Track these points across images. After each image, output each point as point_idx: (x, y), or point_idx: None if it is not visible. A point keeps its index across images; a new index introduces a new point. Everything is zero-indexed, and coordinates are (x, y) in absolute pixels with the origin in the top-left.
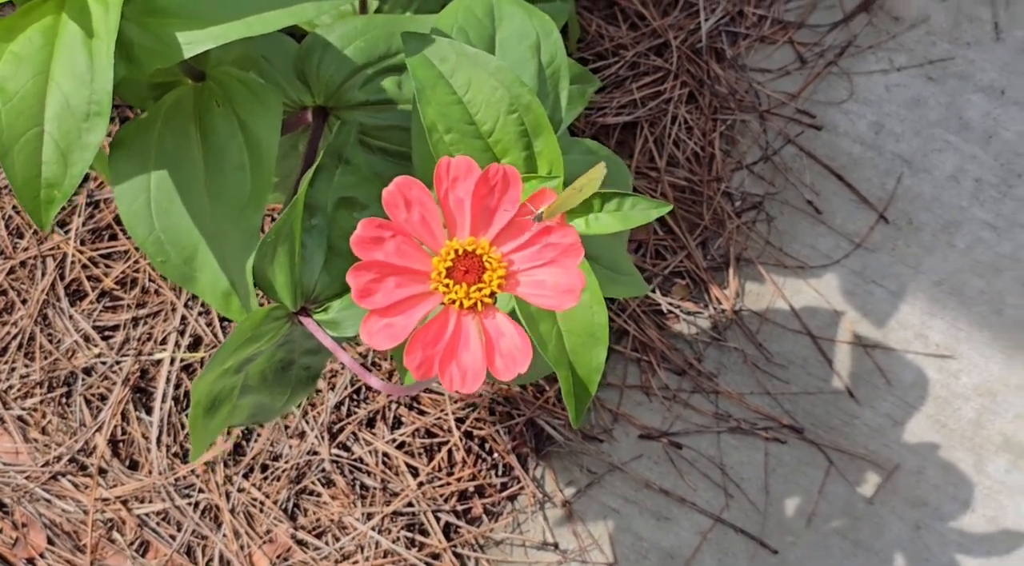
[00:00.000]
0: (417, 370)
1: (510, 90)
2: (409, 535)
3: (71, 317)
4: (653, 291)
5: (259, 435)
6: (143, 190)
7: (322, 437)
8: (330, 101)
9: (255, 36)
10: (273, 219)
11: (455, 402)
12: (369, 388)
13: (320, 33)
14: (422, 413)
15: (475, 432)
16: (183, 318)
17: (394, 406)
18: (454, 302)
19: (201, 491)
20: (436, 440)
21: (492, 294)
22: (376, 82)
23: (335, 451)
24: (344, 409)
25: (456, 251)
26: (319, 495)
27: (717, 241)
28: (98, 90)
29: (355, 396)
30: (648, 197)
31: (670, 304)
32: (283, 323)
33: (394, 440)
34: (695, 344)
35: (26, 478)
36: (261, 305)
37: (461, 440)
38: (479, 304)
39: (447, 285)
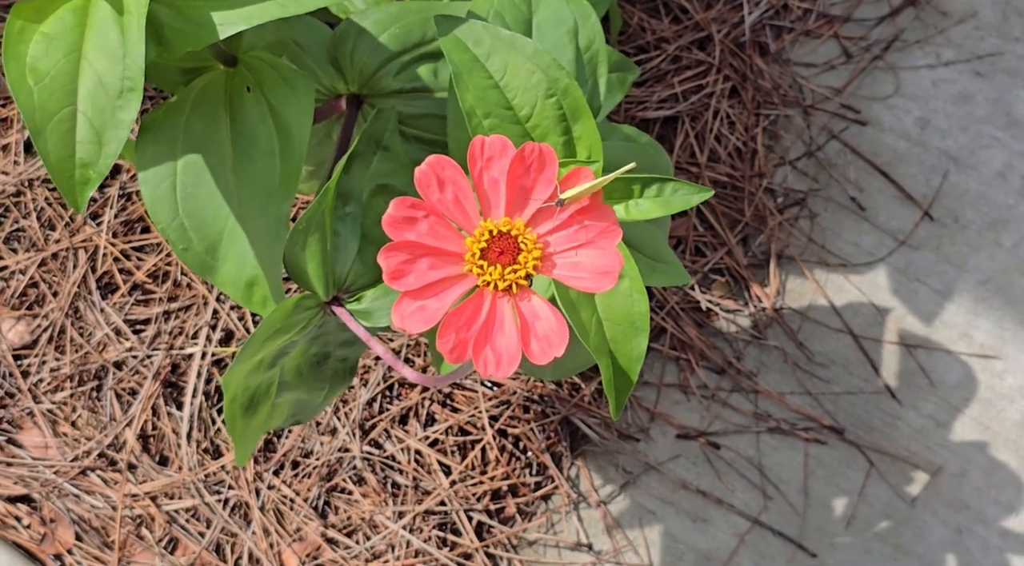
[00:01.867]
0: (451, 354)
1: (547, 74)
2: (441, 534)
3: (102, 310)
4: (692, 288)
5: (290, 431)
6: (169, 174)
7: (354, 434)
8: (364, 89)
9: (289, 19)
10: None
11: (489, 400)
12: (402, 384)
13: (354, 19)
14: (455, 410)
15: (509, 430)
16: (215, 312)
17: (427, 403)
18: (488, 284)
19: (231, 488)
20: (469, 438)
21: (527, 276)
22: (411, 70)
23: (367, 448)
24: (376, 406)
25: (491, 232)
26: (350, 493)
27: (758, 238)
28: (130, 66)
29: (388, 393)
30: (689, 183)
31: (709, 301)
32: (314, 313)
33: (427, 437)
34: (735, 342)
35: (55, 473)
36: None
37: (495, 438)
38: (514, 286)
39: (481, 266)
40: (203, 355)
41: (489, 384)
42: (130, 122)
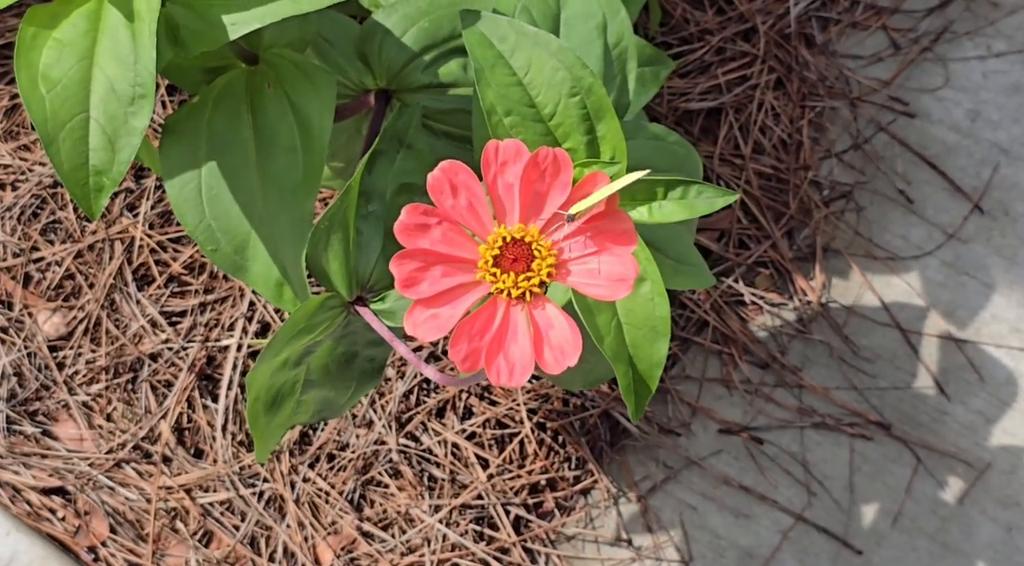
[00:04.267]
0: (463, 363)
1: (571, 71)
2: (477, 529)
3: (138, 302)
4: (736, 281)
5: (325, 424)
6: (194, 176)
7: (390, 427)
8: (392, 83)
9: (311, 15)
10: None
11: (527, 392)
12: None
13: (382, 13)
14: (493, 403)
15: (547, 424)
16: (251, 304)
17: (464, 396)
18: (502, 292)
19: (266, 481)
20: (507, 431)
21: (541, 283)
22: (440, 64)
23: (403, 441)
24: (413, 398)
25: (504, 239)
26: (386, 486)
27: (803, 231)
28: (142, 72)
29: (424, 385)
30: (715, 186)
31: (753, 295)
32: (338, 313)
33: (464, 431)
34: (779, 337)
35: (89, 465)
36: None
37: (533, 432)
38: (528, 294)
39: (495, 274)
40: (239, 347)
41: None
42: (143, 128)
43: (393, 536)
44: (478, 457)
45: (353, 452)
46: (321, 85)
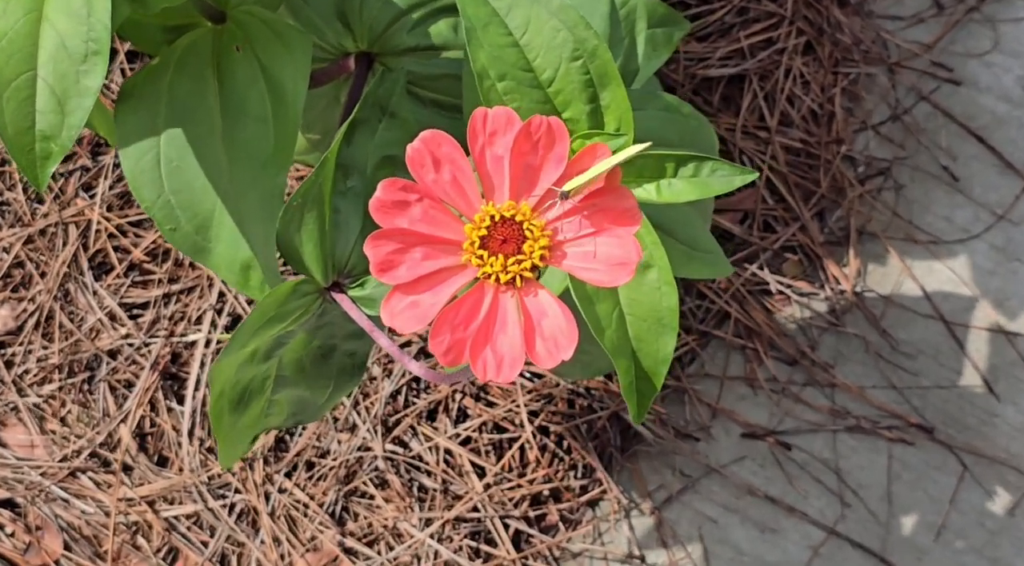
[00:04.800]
0: (445, 356)
1: (574, 32)
2: (473, 544)
3: (95, 293)
4: (761, 268)
5: (304, 428)
6: (152, 146)
7: (375, 431)
8: (375, 46)
9: None
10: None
11: (528, 393)
12: None
13: None
14: (490, 405)
15: (551, 427)
16: (220, 295)
17: (458, 397)
18: (489, 276)
19: (237, 492)
20: (506, 436)
21: (533, 267)
22: (428, 24)
23: (390, 447)
24: (401, 399)
25: (492, 217)
26: (371, 497)
27: (836, 212)
28: (96, 26)
29: (414, 385)
30: (731, 163)
31: (780, 283)
32: (312, 300)
33: (458, 435)
34: (808, 330)
35: (41, 475)
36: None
37: (535, 436)
38: (518, 279)
39: (481, 257)
40: (207, 343)
41: (528, 375)
42: (96, 89)
43: (379, 553)
44: (474, 465)
45: (334, 459)
46: (295, 47)
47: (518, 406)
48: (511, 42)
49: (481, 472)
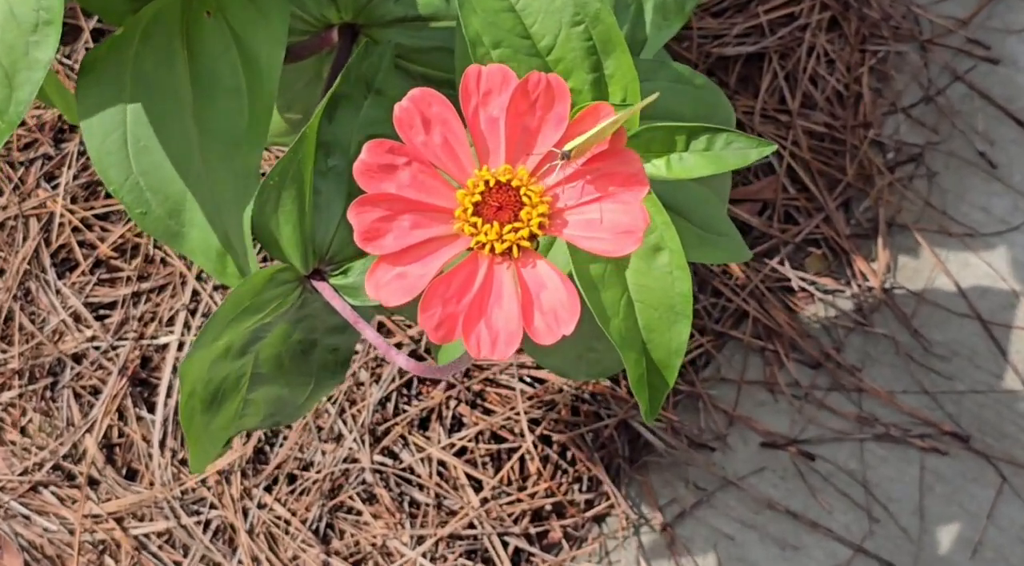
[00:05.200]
0: (436, 331)
1: None
2: (469, 564)
3: (58, 291)
4: (782, 263)
5: (285, 438)
6: (118, 124)
7: (363, 441)
8: (360, 16)
9: None
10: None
11: (528, 399)
12: (423, 381)
13: None
14: (488, 412)
15: (554, 436)
16: (194, 293)
17: (452, 404)
18: (483, 246)
19: (213, 507)
20: (505, 446)
21: (532, 236)
22: None
23: (379, 459)
24: (391, 407)
25: (487, 182)
26: (358, 513)
27: (863, 202)
28: None
29: (404, 390)
30: (747, 135)
31: (802, 279)
32: (291, 289)
33: (452, 445)
34: (833, 330)
35: (0, 490)
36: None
37: (536, 446)
38: (515, 249)
39: (475, 225)
40: (180, 345)
41: (529, 380)
42: (47, 62)
43: None
44: (469, 477)
45: (318, 472)
46: (271, 14)
47: (518, 413)
48: (507, 6)
49: (478, 485)
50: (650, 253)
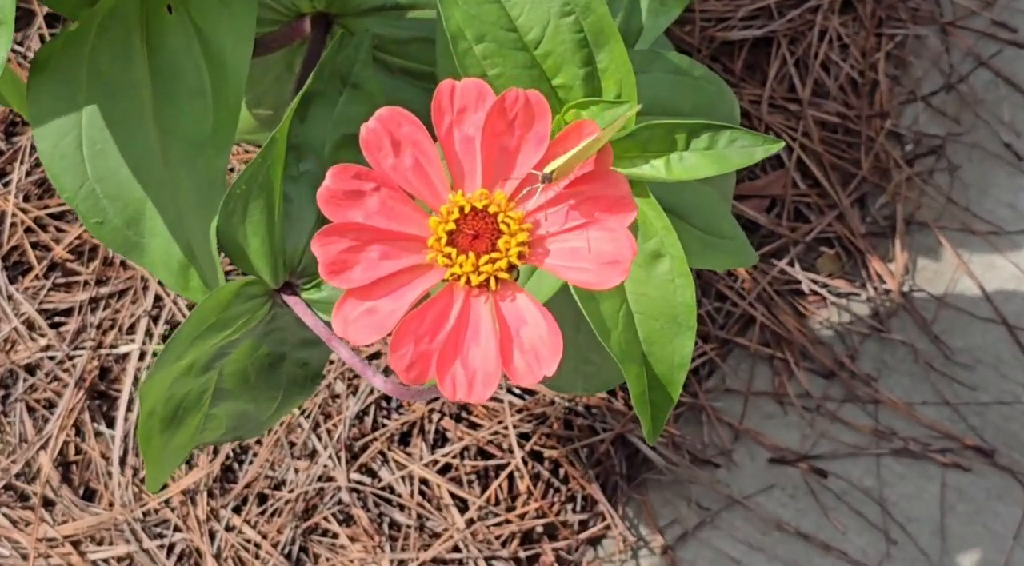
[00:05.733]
0: (408, 371)
1: None
2: None
3: (10, 297)
4: (791, 264)
5: (255, 455)
6: (72, 126)
7: (339, 458)
8: (333, 5)
9: None
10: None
11: (518, 412)
12: None
13: None
14: (473, 426)
15: (545, 452)
16: (157, 299)
17: (435, 417)
18: (459, 278)
19: (177, 530)
20: (492, 463)
21: (511, 267)
22: None
23: (356, 477)
24: (368, 421)
25: (462, 209)
26: (334, 536)
27: (879, 198)
28: None
29: (383, 404)
30: (753, 132)
31: (814, 282)
32: (260, 303)
33: (435, 462)
34: (848, 336)
35: None
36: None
37: (526, 463)
38: (493, 281)
39: (449, 255)
40: (141, 355)
41: (518, 391)
42: (1, 63)
43: None
44: (454, 497)
45: (291, 491)
46: (237, 6)
47: (506, 428)
48: None
49: (463, 505)
50: (650, 260)
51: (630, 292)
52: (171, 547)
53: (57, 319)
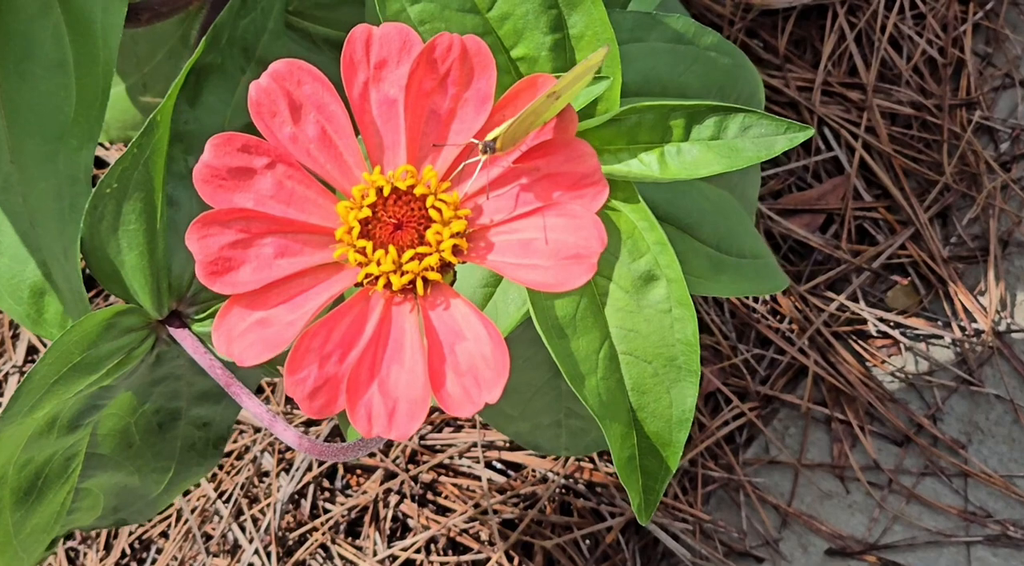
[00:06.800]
0: (311, 400)
1: None
2: None
3: None
4: (854, 299)
5: (159, 550)
6: None
7: (268, 554)
8: None
9: None
10: None
11: (498, 492)
12: (352, 470)
13: None
14: (442, 511)
15: (536, 544)
16: (30, 351)
17: (393, 500)
18: (376, 280)
19: None
20: (467, 558)
21: (444, 265)
22: None
23: None
24: (306, 505)
25: (380, 191)
26: None
27: (967, 211)
28: None
29: (326, 482)
30: (772, 116)
31: (883, 321)
32: (140, 338)
33: (393, 558)
34: (928, 391)
35: None
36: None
37: (510, 558)
38: (420, 283)
39: (364, 250)
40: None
41: (500, 465)
42: None
43: None
44: None
45: None
46: None
47: (484, 513)
48: None
49: None
50: (640, 285)
51: (613, 326)
52: None
53: None
